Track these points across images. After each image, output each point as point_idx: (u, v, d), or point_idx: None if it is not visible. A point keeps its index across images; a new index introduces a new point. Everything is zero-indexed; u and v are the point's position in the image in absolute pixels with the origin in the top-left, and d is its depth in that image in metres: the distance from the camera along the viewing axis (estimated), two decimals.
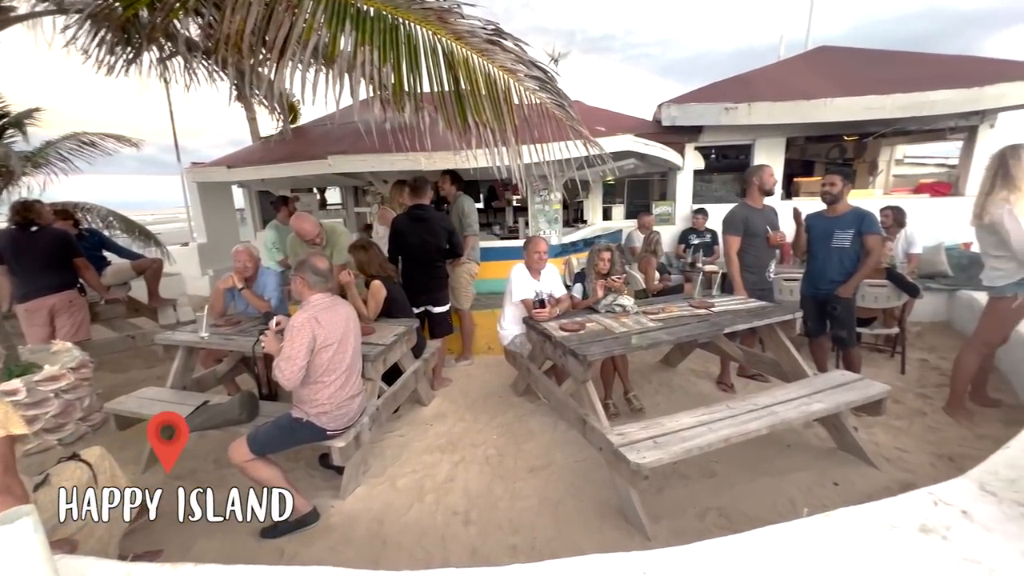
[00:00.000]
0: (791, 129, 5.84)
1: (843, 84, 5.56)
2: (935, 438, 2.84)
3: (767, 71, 6.76)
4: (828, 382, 2.62)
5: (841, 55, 6.78)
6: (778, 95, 5.59)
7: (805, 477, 2.55)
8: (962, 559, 1.34)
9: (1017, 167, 2.55)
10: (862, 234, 3.13)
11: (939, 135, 6.18)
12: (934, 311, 4.89)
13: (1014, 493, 1.61)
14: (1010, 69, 5.34)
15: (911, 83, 5.35)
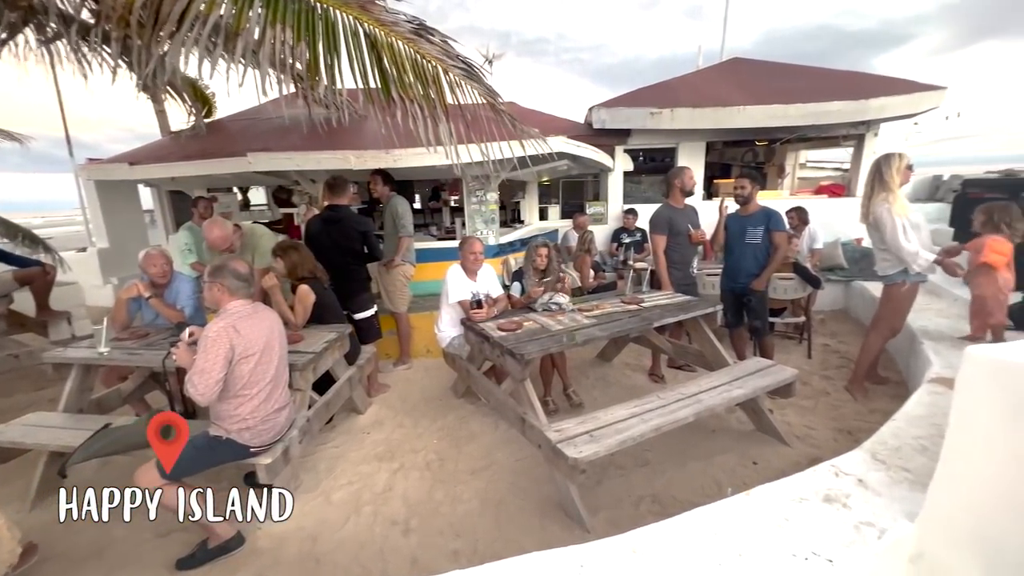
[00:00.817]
0: (710, 134, 6.25)
1: (753, 93, 6.04)
2: (836, 415, 3.15)
3: (687, 79, 7.19)
4: (746, 369, 2.83)
5: (751, 67, 7.36)
6: (697, 102, 5.97)
7: (729, 459, 2.73)
8: (859, 523, 1.49)
9: (889, 173, 2.91)
10: (771, 231, 3.40)
11: (834, 142, 6.88)
12: (833, 300, 5.44)
13: (899, 460, 1.81)
14: (890, 85, 6.05)
15: (810, 94, 5.91)
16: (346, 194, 3.65)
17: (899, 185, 2.94)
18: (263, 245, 3.46)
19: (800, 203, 5.52)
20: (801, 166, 9.24)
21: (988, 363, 1.26)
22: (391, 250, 4.03)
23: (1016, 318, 3.15)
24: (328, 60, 2.12)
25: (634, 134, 6.31)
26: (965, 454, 1.33)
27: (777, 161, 8.76)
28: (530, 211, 7.36)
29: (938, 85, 5.77)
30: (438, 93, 2.36)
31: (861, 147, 6.32)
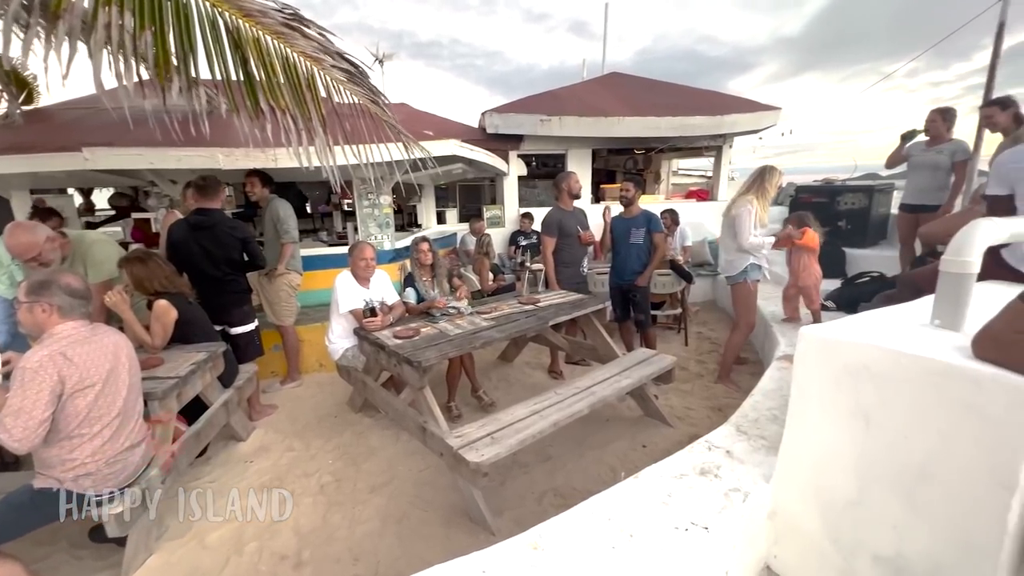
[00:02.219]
0: (595, 142, 6.67)
1: (631, 106, 6.57)
2: (710, 395, 3.53)
3: (574, 89, 7.61)
4: (633, 360, 3.05)
5: (628, 81, 8.01)
6: (582, 111, 6.34)
7: (621, 445, 2.91)
8: (728, 490, 1.67)
9: (770, 183, 3.35)
10: (651, 232, 3.72)
11: (698, 152, 7.76)
12: (704, 293, 6.11)
13: (757, 430, 2.07)
14: (740, 104, 6.97)
15: (678, 109, 6.59)
16: (219, 197, 3.26)
17: (772, 196, 3.40)
18: (95, 254, 2.91)
19: (673, 206, 6.13)
20: (674, 173, 10.29)
21: (816, 341, 1.48)
22: (273, 258, 3.69)
23: (837, 301, 3.80)
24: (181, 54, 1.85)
25: (526, 139, 6.51)
26: (803, 419, 1.56)
27: (654, 168, 9.65)
28: (427, 215, 7.24)
29: (775, 106, 6.77)
30: (315, 99, 2.18)
31: (720, 157, 7.20)
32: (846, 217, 5.27)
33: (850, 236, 5.20)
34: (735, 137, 7.17)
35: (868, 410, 1.37)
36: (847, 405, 1.42)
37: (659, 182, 9.45)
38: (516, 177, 6.83)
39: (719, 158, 7.19)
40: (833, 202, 5.40)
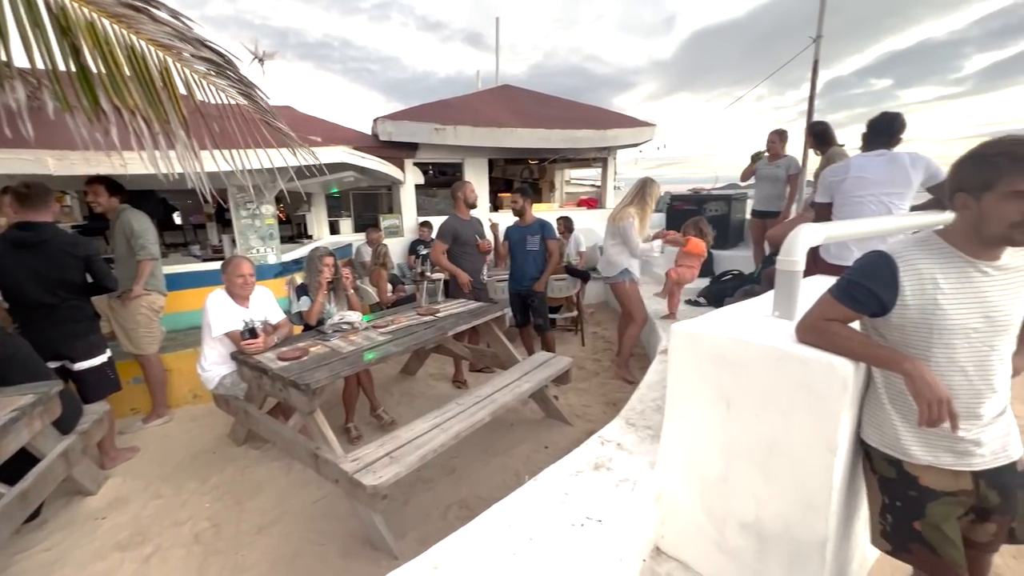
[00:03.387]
0: (491, 152, 6.80)
1: (523, 117, 6.82)
2: (605, 391, 3.75)
3: (468, 99, 7.69)
4: (533, 363, 3.14)
5: (519, 94, 8.31)
6: (477, 121, 6.43)
7: (525, 448, 2.97)
8: (619, 481, 1.77)
9: (651, 195, 3.66)
10: (546, 239, 3.88)
11: (587, 163, 8.29)
12: (597, 295, 6.51)
13: (643, 420, 2.23)
14: (622, 120, 7.58)
15: (567, 122, 6.98)
16: (48, 208, 2.74)
17: (653, 206, 3.70)
18: None
19: (566, 214, 6.46)
20: (567, 182, 10.85)
21: (685, 335, 1.64)
22: (128, 277, 3.20)
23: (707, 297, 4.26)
24: None
25: (422, 148, 6.44)
26: (678, 407, 1.72)
27: (548, 178, 10.09)
28: (319, 225, 6.81)
29: (651, 122, 7.47)
30: (172, 96, 1.93)
31: (606, 168, 7.75)
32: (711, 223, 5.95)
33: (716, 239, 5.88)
34: (619, 150, 7.77)
35: (728, 394, 1.55)
36: (712, 391, 1.59)
37: (553, 191, 9.90)
38: (413, 185, 6.71)
39: (605, 169, 7.73)
40: (701, 209, 6.09)
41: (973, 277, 1.12)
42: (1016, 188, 1.02)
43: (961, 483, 1.20)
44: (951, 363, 1.15)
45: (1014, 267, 1.12)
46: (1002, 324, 1.12)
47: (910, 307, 1.17)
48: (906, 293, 1.16)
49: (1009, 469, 1.21)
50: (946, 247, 1.16)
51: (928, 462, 1.22)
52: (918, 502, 1.23)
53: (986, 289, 1.12)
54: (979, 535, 1.23)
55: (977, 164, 1.08)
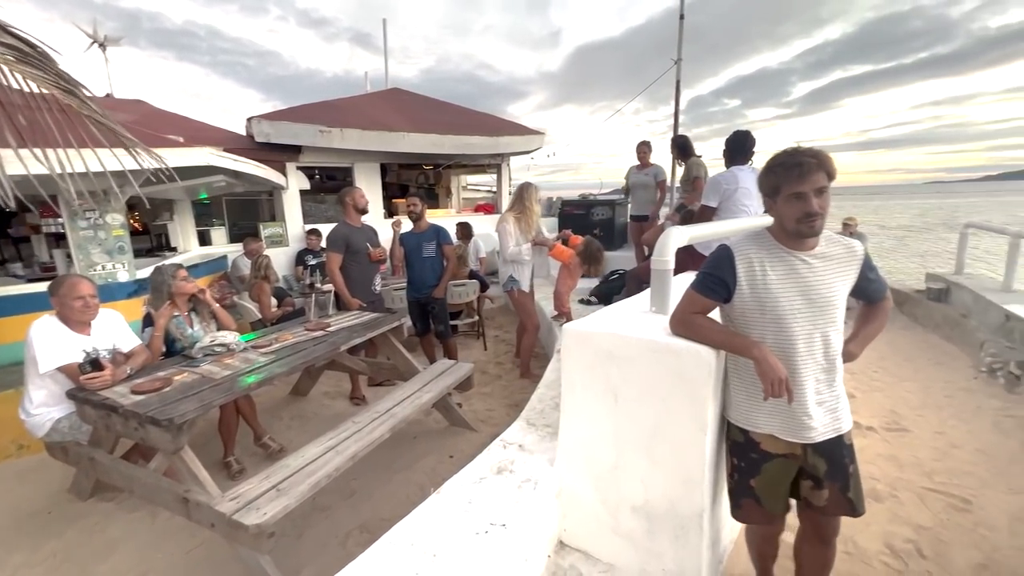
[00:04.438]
0: (382, 156, 6.58)
1: (414, 122, 6.70)
2: (508, 393, 3.81)
3: (356, 101, 7.37)
4: (434, 372, 3.08)
5: (409, 97, 8.16)
6: (367, 124, 6.18)
7: (430, 460, 2.90)
8: (522, 482, 1.80)
9: (528, 198, 3.79)
10: (441, 245, 3.84)
11: (482, 168, 8.40)
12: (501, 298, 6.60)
13: (543, 419, 2.29)
14: (513, 127, 7.79)
15: (460, 128, 7.00)
16: None
17: (535, 209, 3.82)
18: None
19: (464, 219, 6.47)
20: (464, 188, 10.88)
21: (574, 334, 1.72)
22: None
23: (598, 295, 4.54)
24: None
25: (306, 151, 6.02)
26: (572, 402, 1.79)
27: (445, 183, 10.03)
28: (184, 235, 6.03)
29: (540, 131, 7.79)
30: None
31: (500, 174, 7.92)
32: (599, 225, 6.39)
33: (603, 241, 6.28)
34: (512, 156, 7.98)
35: (615, 387, 1.65)
36: (601, 385, 1.69)
37: (450, 196, 9.87)
38: (298, 191, 6.25)
39: (500, 175, 7.90)
40: (589, 213, 6.50)
41: (794, 265, 1.32)
42: (792, 191, 1.25)
43: (793, 448, 1.40)
44: (784, 342, 1.33)
45: (830, 255, 1.34)
46: (822, 305, 1.32)
47: (745, 290, 1.36)
48: (741, 278, 1.36)
49: (837, 441, 1.40)
50: (771, 241, 1.36)
51: (768, 431, 1.41)
52: (757, 463, 1.44)
53: (805, 275, 1.32)
54: (817, 500, 1.43)
55: (767, 174, 1.30)
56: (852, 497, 1.40)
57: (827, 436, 1.38)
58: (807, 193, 1.25)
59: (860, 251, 1.38)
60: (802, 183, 1.25)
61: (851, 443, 1.42)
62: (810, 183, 1.25)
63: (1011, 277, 4.42)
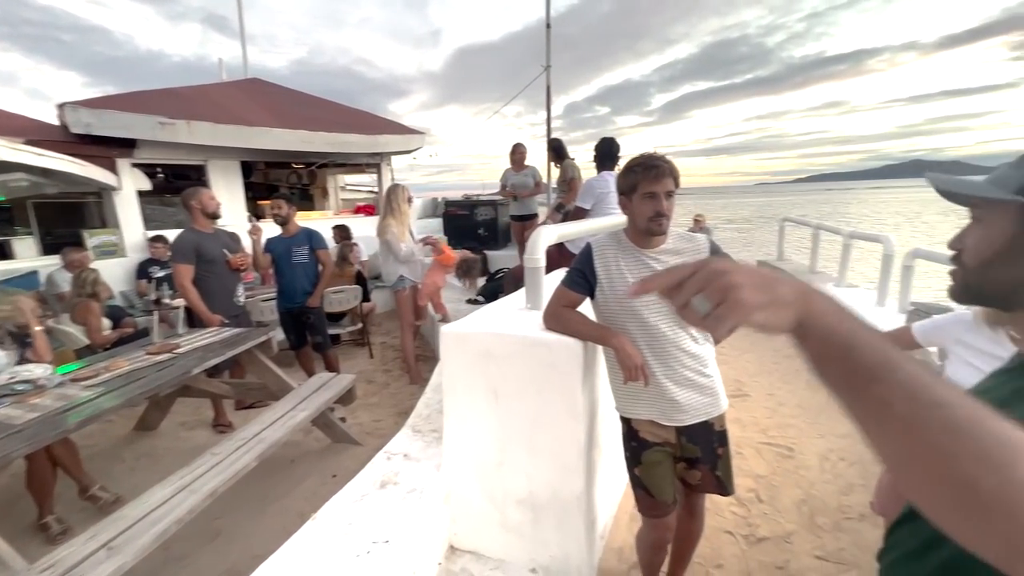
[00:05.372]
0: (242, 153, 5.91)
1: (279, 117, 6.13)
2: (396, 401, 3.68)
3: (207, 91, 6.52)
4: (311, 387, 2.85)
5: (272, 90, 7.46)
6: (221, 117, 5.50)
7: (311, 483, 2.68)
8: (407, 492, 1.74)
9: (396, 201, 3.73)
10: (315, 250, 3.56)
11: (360, 168, 7.99)
12: (385, 303, 6.34)
13: (430, 425, 2.24)
14: (392, 126, 7.53)
15: (334, 125, 6.57)
16: None
17: (406, 210, 3.74)
18: None
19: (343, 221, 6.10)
20: (342, 188, 10.25)
21: (452, 336, 1.71)
22: None
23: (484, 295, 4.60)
24: None
25: (143, 146, 5.16)
26: (455, 404, 1.78)
27: (321, 184, 9.36)
28: None
29: (420, 130, 7.64)
30: None
31: (380, 174, 7.60)
32: (483, 226, 6.48)
33: (488, 241, 6.43)
34: (392, 156, 7.71)
35: (496, 385, 1.67)
36: (482, 385, 1.70)
37: (327, 198, 9.25)
38: (135, 192, 5.34)
39: (380, 175, 7.59)
40: (473, 213, 6.55)
41: (646, 262, 1.45)
42: (647, 190, 1.38)
43: (668, 436, 1.50)
44: (642, 333, 1.44)
45: (679, 251, 1.48)
46: None
47: (604, 286, 1.46)
48: (600, 273, 1.46)
49: (706, 426, 1.49)
50: (625, 240, 1.49)
51: (645, 417, 1.50)
52: (637, 451, 1.52)
53: (655, 268, 1.44)
54: (691, 479, 1.56)
55: (627, 173, 1.42)
56: (722, 477, 1.52)
57: (699, 419, 1.47)
58: (659, 194, 1.38)
59: (705, 245, 1.51)
60: (656, 183, 1.37)
61: (723, 429, 1.53)
62: (662, 185, 1.38)
63: (815, 260, 5.41)
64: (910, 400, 0.35)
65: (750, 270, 0.42)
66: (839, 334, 0.39)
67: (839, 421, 2.87)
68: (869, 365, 0.37)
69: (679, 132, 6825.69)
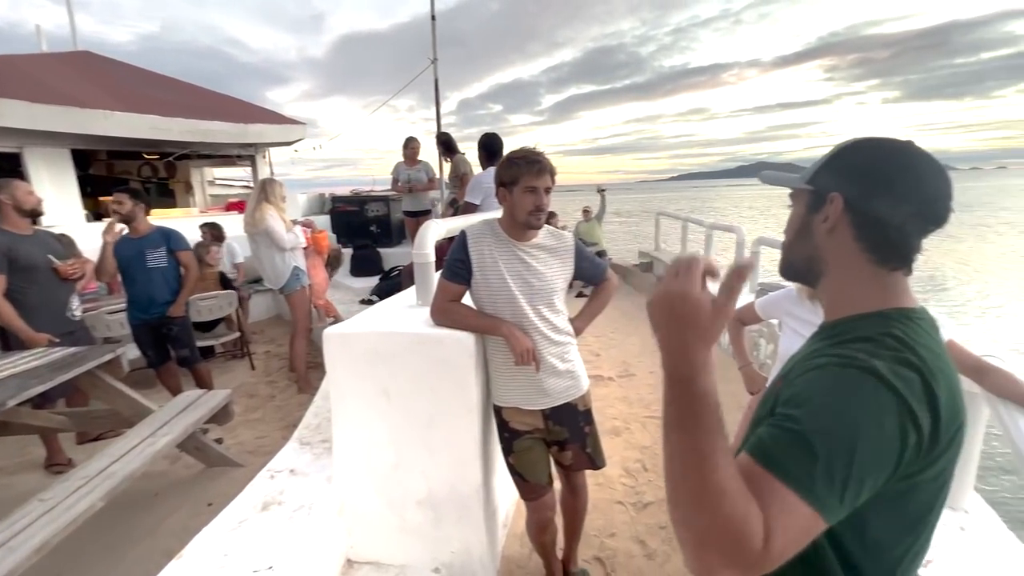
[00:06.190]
0: (74, 140, 4.96)
1: (122, 99, 5.26)
2: (283, 414, 3.39)
3: (18, 63, 5.37)
4: (175, 408, 2.50)
5: (112, 67, 6.39)
6: (41, 96, 4.56)
7: (181, 516, 2.36)
8: (294, 511, 1.61)
9: (271, 193, 3.46)
10: (174, 252, 3.13)
11: (232, 161, 7.18)
12: (267, 308, 5.81)
13: (319, 435, 2.10)
14: (267, 115, 6.85)
15: (194, 111, 5.80)
16: None
17: (280, 203, 3.50)
18: None
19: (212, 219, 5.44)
20: (210, 183, 9.13)
21: (337, 338, 1.61)
22: None
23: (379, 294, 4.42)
24: None
25: None
26: (344, 411, 1.68)
27: (182, 177, 8.26)
28: None
29: (300, 120, 7.07)
30: None
31: (256, 167, 6.91)
32: (375, 223, 6.21)
33: (381, 238, 6.18)
34: (269, 148, 7.04)
35: (386, 386, 1.61)
36: (372, 387, 1.62)
37: (192, 193, 8.19)
38: None
39: (256, 169, 6.89)
40: (363, 210, 6.24)
41: (517, 254, 1.48)
42: (529, 184, 1.41)
43: (535, 422, 1.55)
44: (514, 321, 1.45)
45: (548, 247, 1.53)
46: (541, 289, 1.48)
47: (477, 275, 1.47)
48: (474, 262, 1.47)
49: (570, 407, 1.55)
50: (500, 231, 1.50)
51: (512, 403, 1.54)
52: (509, 441, 1.56)
53: (528, 262, 1.48)
54: (564, 460, 1.63)
55: (509, 165, 1.45)
56: (591, 453, 1.61)
57: (562, 401, 1.54)
58: (540, 188, 1.41)
59: (571, 243, 1.58)
60: (538, 179, 1.41)
61: (587, 408, 1.61)
62: (543, 181, 1.42)
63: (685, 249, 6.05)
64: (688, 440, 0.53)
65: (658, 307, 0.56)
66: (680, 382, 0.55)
67: None
68: (681, 410, 0.54)
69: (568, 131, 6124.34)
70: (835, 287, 0.64)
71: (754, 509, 0.47)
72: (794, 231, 0.67)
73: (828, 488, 0.48)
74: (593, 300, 1.71)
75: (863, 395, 0.50)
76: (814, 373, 0.55)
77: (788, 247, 0.69)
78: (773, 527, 0.47)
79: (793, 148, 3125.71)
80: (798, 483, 0.48)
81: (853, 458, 0.48)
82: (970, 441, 1.37)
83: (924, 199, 0.58)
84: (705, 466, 0.49)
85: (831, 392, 0.52)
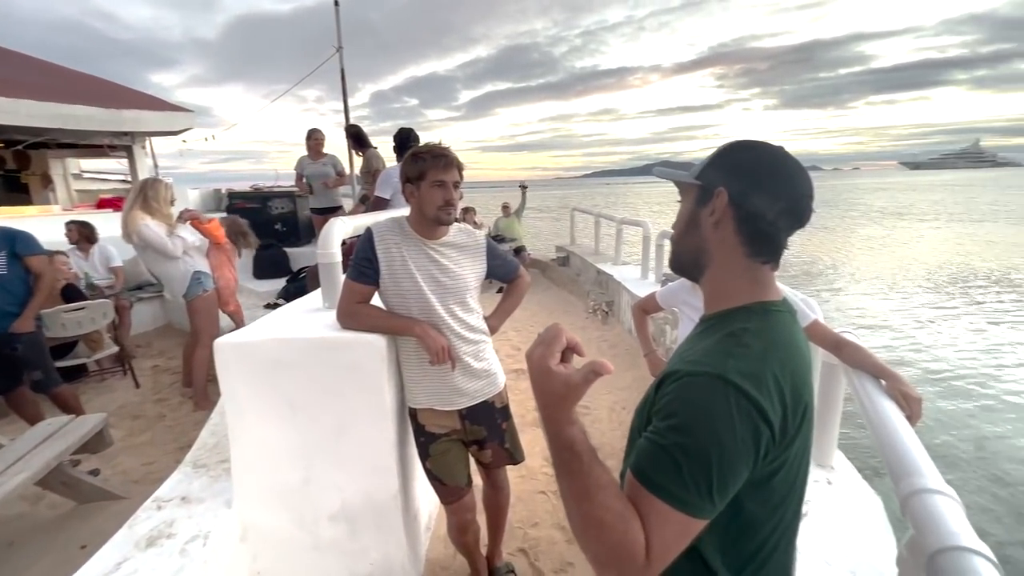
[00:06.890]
0: None
1: None
2: (177, 434, 3.04)
3: None
4: (32, 440, 2.13)
5: None
6: None
7: (46, 564, 2.03)
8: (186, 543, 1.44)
9: (154, 196, 3.08)
10: (21, 257, 2.66)
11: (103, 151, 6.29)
12: (154, 317, 5.17)
13: (218, 455, 1.90)
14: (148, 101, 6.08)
15: (50, 92, 4.99)
16: None
17: (168, 211, 3.14)
18: None
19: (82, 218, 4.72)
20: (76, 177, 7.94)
21: (232, 348, 1.47)
22: None
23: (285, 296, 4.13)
24: None
25: None
26: (242, 427, 1.54)
27: (39, 170, 7.10)
28: None
29: (186, 108, 6.36)
30: None
31: (133, 159, 6.12)
32: (280, 220, 5.77)
33: (286, 237, 5.76)
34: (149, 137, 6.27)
35: (290, 396, 1.50)
36: (274, 398, 1.50)
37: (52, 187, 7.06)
38: None
39: (133, 160, 6.11)
40: (265, 207, 5.77)
41: (427, 252, 1.43)
42: (437, 178, 1.37)
43: (452, 423, 1.52)
44: (427, 318, 1.42)
45: (459, 244, 1.50)
46: (452, 288, 1.46)
47: (384, 272, 1.40)
48: (381, 260, 1.40)
49: (487, 406, 1.53)
50: (408, 229, 1.45)
51: (427, 405, 1.50)
52: (426, 445, 1.52)
53: (438, 260, 1.44)
54: (484, 458, 1.62)
55: (415, 160, 1.40)
56: (510, 449, 1.61)
57: (478, 400, 1.52)
58: (448, 183, 1.38)
59: (483, 241, 1.56)
60: (445, 172, 1.37)
61: (504, 405, 1.61)
62: (451, 175, 1.38)
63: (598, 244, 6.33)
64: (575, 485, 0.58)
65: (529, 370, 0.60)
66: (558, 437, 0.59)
67: (621, 377, 3.43)
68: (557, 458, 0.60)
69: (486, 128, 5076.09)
70: (715, 280, 0.70)
71: (634, 527, 0.54)
72: (684, 224, 0.72)
73: (696, 494, 0.54)
74: (507, 298, 1.71)
75: (715, 404, 0.55)
76: (674, 385, 0.60)
77: (678, 240, 0.74)
78: (652, 539, 0.54)
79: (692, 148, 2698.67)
80: (668, 495, 0.54)
81: (711, 464, 0.54)
82: (832, 406, 1.57)
83: (793, 196, 0.65)
84: (583, 503, 0.56)
85: (688, 403, 0.57)
